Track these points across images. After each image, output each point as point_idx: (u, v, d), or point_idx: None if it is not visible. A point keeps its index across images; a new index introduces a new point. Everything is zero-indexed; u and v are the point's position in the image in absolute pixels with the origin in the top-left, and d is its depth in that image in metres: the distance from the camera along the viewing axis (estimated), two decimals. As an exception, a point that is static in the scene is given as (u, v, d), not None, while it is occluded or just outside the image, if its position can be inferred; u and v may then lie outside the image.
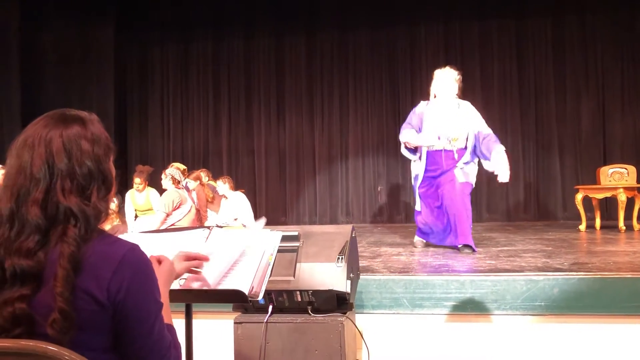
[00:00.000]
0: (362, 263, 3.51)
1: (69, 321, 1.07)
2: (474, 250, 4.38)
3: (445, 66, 4.82)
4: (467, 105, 4.74)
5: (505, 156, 4.52)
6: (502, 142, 8.59)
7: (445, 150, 4.60)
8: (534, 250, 4.40)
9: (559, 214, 8.60)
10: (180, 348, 1.29)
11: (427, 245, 4.87)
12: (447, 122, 4.61)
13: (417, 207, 4.80)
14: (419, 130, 4.71)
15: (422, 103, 4.86)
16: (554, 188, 8.71)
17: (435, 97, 4.76)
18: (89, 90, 8.92)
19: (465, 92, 4.95)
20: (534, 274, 3.11)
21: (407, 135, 4.72)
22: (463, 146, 4.64)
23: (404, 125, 4.84)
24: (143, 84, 10.10)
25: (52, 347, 1.04)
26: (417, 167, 4.77)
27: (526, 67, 8.89)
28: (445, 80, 4.68)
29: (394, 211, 9.08)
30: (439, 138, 4.60)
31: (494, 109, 8.81)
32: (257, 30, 9.65)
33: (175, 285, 1.75)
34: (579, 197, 6.53)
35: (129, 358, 1.19)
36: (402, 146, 4.84)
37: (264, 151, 9.63)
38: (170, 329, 1.28)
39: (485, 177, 8.71)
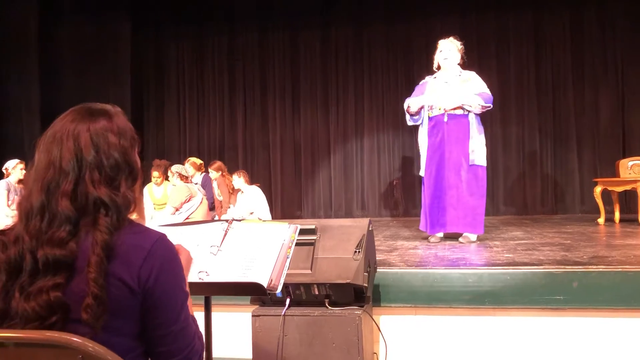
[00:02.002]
0: (379, 257, 3.51)
1: (102, 306, 1.10)
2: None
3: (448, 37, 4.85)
4: (470, 74, 4.76)
5: (477, 100, 4.54)
6: (519, 135, 8.66)
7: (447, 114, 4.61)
8: (552, 244, 4.36)
9: (576, 207, 8.51)
10: (202, 339, 1.32)
11: (444, 238, 4.85)
12: (448, 87, 4.64)
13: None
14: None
15: (428, 77, 4.91)
16: (571, 181, 8.62)
17: (439, 67, 4.82)
18: (106, 86, 8.99)
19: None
20: (553, 268, 3.08)
21: (408, 100, 4.81)
22: (465, 112, 4.62)
23: (407, 99, 4.91)
24: (159, 79, 10.17)
25: (76, 339, 1.06)
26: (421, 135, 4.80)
27: (544, 59, 8.78)
28: (448, 49, 4.73)
29: (409, 205, 9.06)
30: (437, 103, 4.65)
31: (510, 102, 8.74)
32: (272, 24, 9.65)
33: (195, 278, 1.77)
34: (598, 190, 6.45)
35: (155, 345, 1.22)
36: (407, 116, 4.88)
37: (279, 145, 9.65)
38: (193, 319, 1.30)
39: (503, 170, 8.70)
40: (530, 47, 8.83)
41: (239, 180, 7.01)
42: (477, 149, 4.63)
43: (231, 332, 3.06)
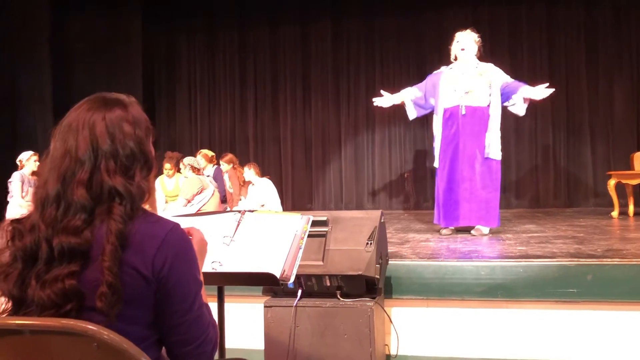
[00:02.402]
0: (390, 249, 3.50)
1: (116, 294, 1.11)
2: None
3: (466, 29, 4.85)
4: (487, 65, 4.74)
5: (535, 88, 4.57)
6: (532, 128, 8.60)
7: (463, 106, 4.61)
8: (565, 237, 4.33)
9: (590, 200, 8.43)
10: (217, 328, 1.32)
11: (456, 231, 4.83)
12: (463, 79, 4.64)
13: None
14: (429, 93, 4.81)
15: (444, 67, 4.89)
16: (584, 174, 8.54)
17: (455, 58, 4.80)
18: (118, 78, 9.02)
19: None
20: (566, 260, 3.06)
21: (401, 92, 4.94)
22: (485, 104, 4.61)
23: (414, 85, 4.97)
24: (170, 72, 10.19)
25: (91, 327, 1.07)
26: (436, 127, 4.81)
27: (557, 51, 8.68)
28: (465, 40, 4.71)
29: (420, 198, 9.03)
30: (455, 91, 4.64)
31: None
32: (283, 16, 9.62)
33: (208, 268, 1.77)
34: (612, 183, 6.39)
35: (169, 334, 1.22)
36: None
37: (290, 138, 9.64)
38: (207, 308, 1.30)
39: (515, 163, 8.63)
40: (544, 38, 8.72)
41: (249, 172, 7.03)
42: (493, 143, 4.61)
43: (243, 322, 3.07)
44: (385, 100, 4.93)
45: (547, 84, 4.54)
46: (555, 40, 8.68)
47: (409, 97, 4.91)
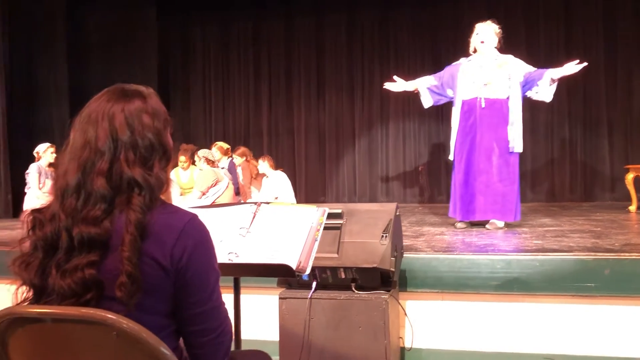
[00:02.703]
0: (405, 242, 3.48)
1: (136, 284, 1.12)
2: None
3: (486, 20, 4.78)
4: (507, 57, 4.67)
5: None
6: (548, 121, 8.49)
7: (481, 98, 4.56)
8: (581, 231, 4.29)
9: (606, 194, 8.34)
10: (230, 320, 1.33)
11: (471, 225, 4.80)
12: (481, 71, 4.59)
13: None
14: (446, 83, 4.77)
15: (463, 59, 4.83)
16: (601, 168, 8.44)
17: (475, 50, 4.74)
18: (133, 71, 9.06)
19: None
20: (583, 255, 3.03)
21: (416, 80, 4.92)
22: (504, 97, 4.56)
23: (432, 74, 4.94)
24: (185, 65, 10.23)
25: (111, 316, 1.08)
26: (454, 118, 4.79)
27: (574, 42, 8.56)
28: (485, 32, 4.65)
29: (435, 191, 8.99)
30: (473, 83, 4.60)
31: (539, 86, 8.55)
32: (297, 9, 9.59)
33: (224, 259, 1.78)
34: (630, 177, 6.31)
35: (186, 324, 1.23)
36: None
37: (304, 131, 9.64)
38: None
39: (531, 157, 8.55)
40: (561, 30, 8.62)
41: (263, 164, 7.05)
42: (517, 136, 4.57)
43: (258, 314, 3.08)
44: (397, 85, 4.88)
45: (578, 61, 4.41)
46: (572, 31, 8.57)
47: (424, 85, 4.86)
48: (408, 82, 4.90)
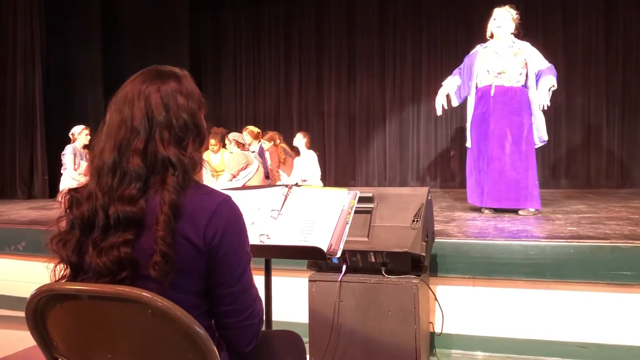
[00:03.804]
0: (437, 227, 3.46)
1: (169, 263, 1.13)
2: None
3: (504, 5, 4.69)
4: (523, 44, 4.58)
5: (546, 84, 4.35)
6: (584, 106, 8.26)
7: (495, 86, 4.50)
8: (618, 218, 4.18)
9: (644, 181, 8.12)
10: (262, 304, 1.34)
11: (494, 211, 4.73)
12: (496, 59, 4.53)
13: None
14: (466, 77, 4.72)
15: (479, 46, 4.79)
16: (639, 154, 8.20)
17: (492, 36, 4.69)
18: (165, 54, 9.11)
19: (546, 52, 4.75)
20: (620, 242, 2.95)
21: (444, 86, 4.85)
22: (518, 85, 4.50)
23: (455, 70, 4.86)
24: (216, 48, 10.27)
25: (146, 294, 1.09)
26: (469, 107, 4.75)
27: (614, 24, 8.29)
28: (502, 17, 4.58)
29: (466, 176, 8.86)
30: (488, 72, 4.56)
31: (577, 70, 8.34)
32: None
33: (256, 240, 1.79)
34: (670, 163, 6.12)
35: (217, 304, 1.25)
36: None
37: (334, 114, 9.60)
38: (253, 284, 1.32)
39: (566, 142, 8.35)
40: (600, 12, 8.34)
41: (302, 140, 7.11)
42: (542, 126, 4.54)
43: (288, 296, 3.10)
44: (439, 104, 4.81)
45: (548, 103, 4.35)
46: (612, 12, 8.28)
47: (452, 90, 4.83)
48: (440, 95, 4.81)
